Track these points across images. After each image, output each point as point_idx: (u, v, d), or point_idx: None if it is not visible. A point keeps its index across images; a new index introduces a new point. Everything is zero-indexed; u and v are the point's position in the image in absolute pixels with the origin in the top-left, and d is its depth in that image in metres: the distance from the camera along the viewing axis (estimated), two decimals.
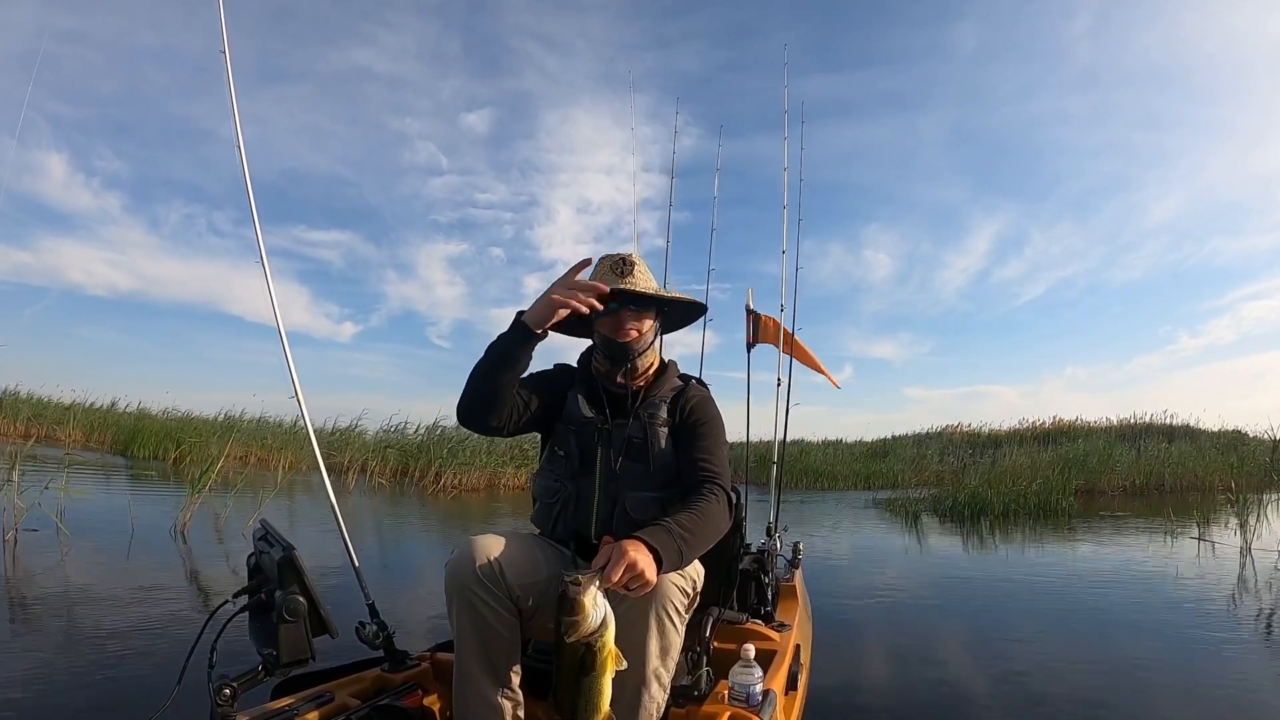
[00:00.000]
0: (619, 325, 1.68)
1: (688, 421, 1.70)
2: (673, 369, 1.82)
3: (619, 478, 1.65)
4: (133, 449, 12.74)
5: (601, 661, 1.19)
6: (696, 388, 1.79)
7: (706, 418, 1.71)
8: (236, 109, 2.17)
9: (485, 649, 1.47)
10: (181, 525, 5.73)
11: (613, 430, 1.68)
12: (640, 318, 1.71)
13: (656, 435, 1.68)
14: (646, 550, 1.28)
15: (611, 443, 1.67)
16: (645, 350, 1.73)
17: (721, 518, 1.53)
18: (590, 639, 1.17)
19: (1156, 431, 17.38)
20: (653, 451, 1.66)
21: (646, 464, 1.66)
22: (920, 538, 7.80)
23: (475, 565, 1.45)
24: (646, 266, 1.76)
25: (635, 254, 1.75)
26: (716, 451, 1.67)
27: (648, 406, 1.71)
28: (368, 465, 11.89)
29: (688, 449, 1.67)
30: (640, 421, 1.68)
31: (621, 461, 1.66)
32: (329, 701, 1.52)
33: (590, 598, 1.16)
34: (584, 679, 1.20)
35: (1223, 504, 9.20)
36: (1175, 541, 6.99)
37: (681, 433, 1.69)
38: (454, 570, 1.47)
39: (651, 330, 1.74)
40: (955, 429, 20.08)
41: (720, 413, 1.78)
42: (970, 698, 2.75)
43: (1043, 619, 4.11)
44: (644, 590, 1.27)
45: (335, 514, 2.10)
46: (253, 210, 2.15)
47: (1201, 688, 2.92)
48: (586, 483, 1.67)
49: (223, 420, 14.14)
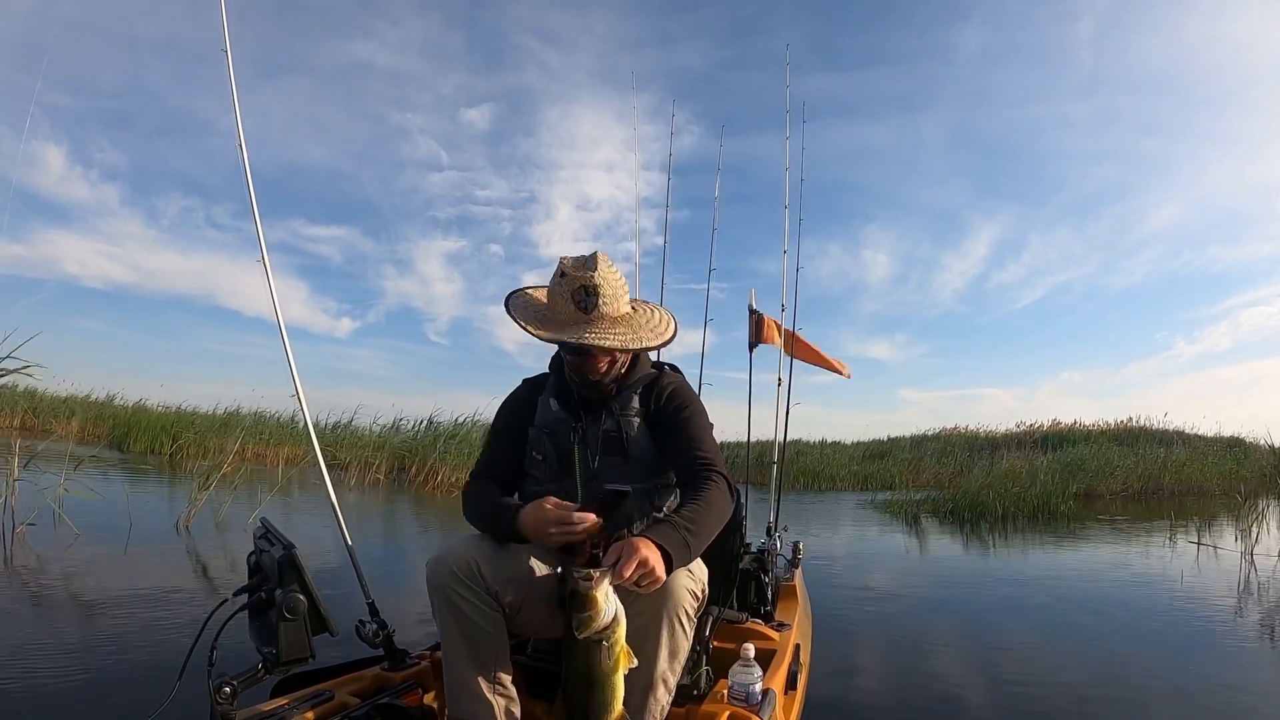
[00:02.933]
0: (584, 365, 1.61)
1: (665, 410, 1.66)
2: (644, 359, 1.77)
3: (599, 475, 1.64)
4: (128, 442, 12.69)
5: (614, 658, 1.21)
6: (670, 374, 1.76)
7: (686, 403, 1.68)
8: (238, 107, 2.16)
9: (470, 645, 1.47)
10: (185, 521, 5.72)
11: (587, 428, 1.66)
12: (611, 354, 1.62)
13: (631, 426, 1.65)
14: (656, 548, 1.28)
15: (587, 441, 1.65)
16: (618, 373, 1.68)
17: (724, 503, 1.52)
18: (602, 635, 1.19)
19: (1152, 436, 17.41)
20: (629, 444, 1.64)
21: (624, 457, 1.64)
22: (919, 540, 7.80)
23: (452, 563, 1.46)
24: (615, 277, 1.59)
25: (600, 265, 1.56)
26: (704, 437, 1.65)
27: (620, 399, 1.68)
28: (366, 462, 11.87)
29: (674, 439, 1.64)
30: (614, 415, 1.66)
31: (599, 458, 1.64)
32: (329, 700, 1.52)
33: (602, 594, 1.17)
34: (596, 676, 1.21)
35: (1222, 509, 9.22)
36: (1175, 546, 7.00)
37: (660, 422, 1.66)
38: (433, 570, 1.49)
39: (624, 358, 1.68)
40: (953, 431, 20.12)
41: (697, 396, 1.75)
42: (968, 698, 2.74)
43: (1041, 621, 4.10)
44: (654, 586, 1.28)
45: (335, 512, 2.09)
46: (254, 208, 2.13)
47: (1201, 693, 2.91)
48: (567, 483, 1.65)
49: (221, 414, 14.10)
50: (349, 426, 13.68)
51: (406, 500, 9.79)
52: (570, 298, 1.56)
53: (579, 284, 1.55)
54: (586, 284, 1.55)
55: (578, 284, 1.55)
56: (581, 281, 1.55)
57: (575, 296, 1.55)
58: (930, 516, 9.57)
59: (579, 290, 1.55)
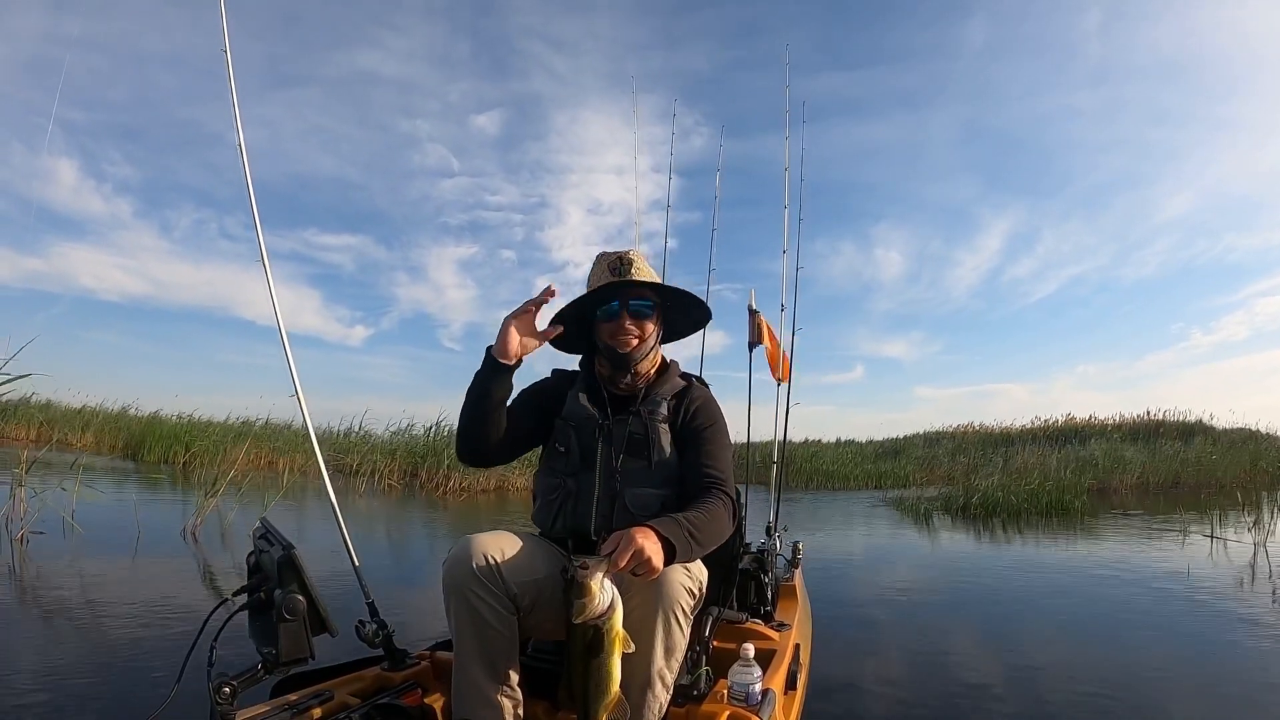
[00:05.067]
0: (618, 331, 1.68)
1: (691, 425, 1.70)
2: (674, 368, 1.82)
3: (619, 474, 1.65)
4: (142, 453, 12.82)
5: (610, 643, 1.24)
6: (700, 389, 1.79)
7: (711, 421, 1.72)
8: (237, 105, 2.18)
9: (484, 647, 1.47)
10: (193, 528, 5.79)
11: (613, 427, 1.68)
12: (641, 323, 1.69)
13: (657, 432, 1.68)
14: (656, 538, 1.29)
15: (612, 439, 1.67)
16: (647, 355, 1.72)
17: (726, 523, 1.54)
18: (598, 621, 1.22)
19: (1170, 429, 17.21)
20: (653, 448, 1.66)
21: (647, 460, 1.66)
22: (930, 537, 7.75)
23: (473, 563, 1.45)
24: (647, 263, 1.74)
25: (636, 250, 1.73)
26: (721, 456, 1.67)
27: (648, 404, 1.71)
28: (377, 467, 11.92)
29: (693, 452, 1.67)
30: (641, 419, 1.68)
31: (622, 458, 1.66)
32: (328, 700, 1.53)
33: (598, 581, 1.20)
34: (593, 661, 1.24)
35: (1237, 502, 9.09)
36: (1189, 540, 6.91)
37: (685, 434, 1.69)
38: (451, 568, 1.47)
39: (654, 335, 1.73)
40: (967, 428, 19.97)
41: (723, 414, 1.78)
42: (975, 696, 2.72)
43: (1051, 616, 4.06)
44: (650, 576, 1.29)
45: (335, 513, 2.11)
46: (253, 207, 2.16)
47: (1217, 687, 2.88)
48: (587, 479, 1.67)
49: (235, 424, 14.21)
50: (360, 433, 13.77)
51: (419, 505, 9.83)
52: (607, 268, 1.70)
53: (615, 256, 1.71)
54: (623, 255, 1.71)
55: (614, 256, 1.71)
56: (618, 254, 1.71)
57: (611, 266, 1.70)
58: (942, 514, 9.50)
59: (615, 260, 1.70)
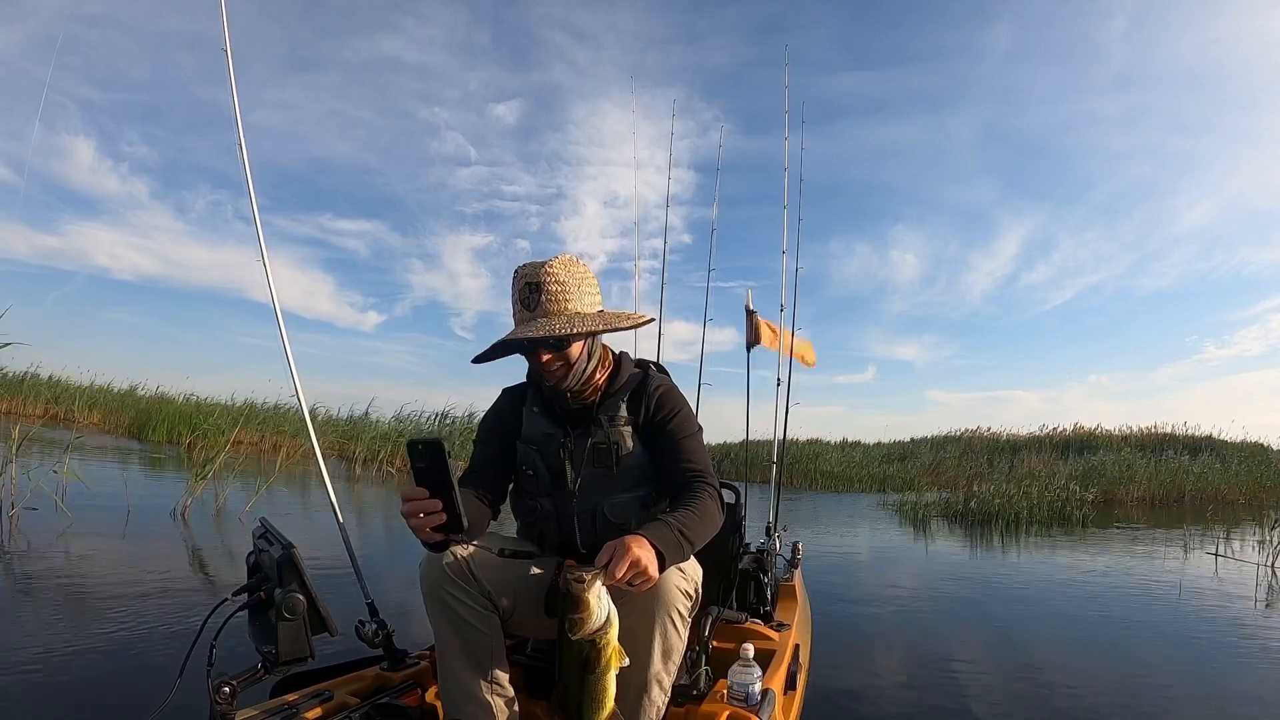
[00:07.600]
0: (541, 368, 1.53)
1: (655, 420, 1.61)
2: (626, 362, 1.69)
3: (592, 487, 1.61)
4: (147, 432, 12.85)
5: (606, 659, 1.20)
6: (657, 377, 1.69)
7: (675, 410, 1.63)
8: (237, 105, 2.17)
9: (466, 646, 1.46)
10: (182, 509, 5.76)
11: (575, 441, 1.62)
12: (563, 353, 1.52)
13: (621, 436, 1.61)
14: (649, 546, 1.25)
15: (576, 454, 1.61)
16: (586, 373, 1.58)
17: (715, 513, 1.50)
18: (594, 636, 1.17)
19: (1178, 443, 17.08)
20: (619, 455, 1.60)
21: (616, 469, 1.60)
22: (928, 542, 7.73)
23: (444, 563, 1.45)
24: (571, 274, 1.50)
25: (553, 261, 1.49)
26: (694, 446, 1.61)
27: (606, 410, 1.62)
28: (379, 454, 11.95)
29: (665, 448, 1.60)
30: (603, 429, 1.61)
31: (591, 471, 1.61)
32: (328, 700, 1.52)
33: (595, 595, 1.16)
34: (589, 676, 1.20)
35: (1244, 519, 9.03)
36: (1192, 555, 6.87)
37: (651, 430, 1.62)
38: (425, 571, 1.47)
39: (584, 352, 1.56)
40: (975, 433, 19.87)
41: (685, 398, 1.70)
42: (972, 699, 2.70)
43: (1046, 624, 4.06)
44: (647, 586, 1.26)
45: (335, 512, 2.07)
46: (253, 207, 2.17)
47: (1219, 701, 2.86)
48: (561, 498, 1.62)
49: (242, 406, 14.25)
50: (364, 419, 13.81)
51: None
52: (518, 298, 1.50)
53: (524, 281, 1.48)
54: (530, 279, 1.47)
55: (523, 281, 1.48)
56: (526, 278, 1.47)
57: (522, 295, 1.48)
58: (941, 519, 9.47)
59: (524, 288, 1.48)
